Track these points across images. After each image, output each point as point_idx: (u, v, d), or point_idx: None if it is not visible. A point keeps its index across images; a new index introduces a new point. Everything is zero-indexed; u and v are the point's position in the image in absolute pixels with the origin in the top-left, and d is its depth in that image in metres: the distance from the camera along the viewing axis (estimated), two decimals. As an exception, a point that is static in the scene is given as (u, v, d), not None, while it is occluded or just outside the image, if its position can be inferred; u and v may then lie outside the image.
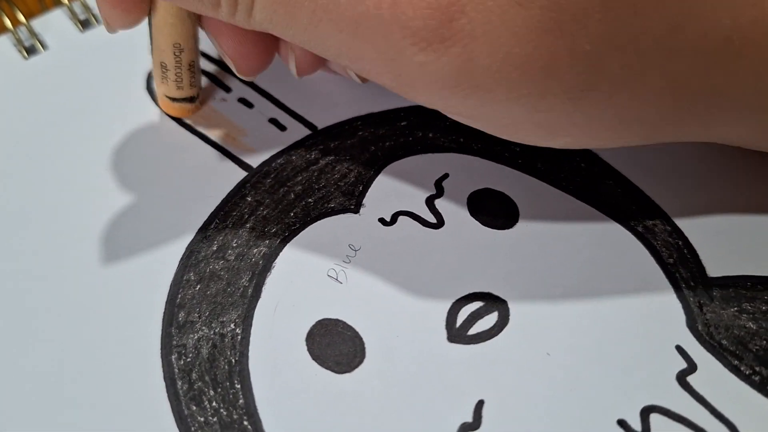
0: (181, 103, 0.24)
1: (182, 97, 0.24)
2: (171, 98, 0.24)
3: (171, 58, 0.23)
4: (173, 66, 0.23)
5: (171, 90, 0.24)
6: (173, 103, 0.24)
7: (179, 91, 0.24)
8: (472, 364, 0.20)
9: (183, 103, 0.24)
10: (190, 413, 0.19)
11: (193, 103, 0.25)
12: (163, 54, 0.23)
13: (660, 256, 0.21)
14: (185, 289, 0.21)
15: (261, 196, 0.23)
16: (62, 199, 0.23)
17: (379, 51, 0.18)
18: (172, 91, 0.24)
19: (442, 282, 0.21)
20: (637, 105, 0.18)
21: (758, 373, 0.19)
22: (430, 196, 0.23)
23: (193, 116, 0.25)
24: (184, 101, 0.24)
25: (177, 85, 0.23)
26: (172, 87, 0.24)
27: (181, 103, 0.24)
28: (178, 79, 0.23)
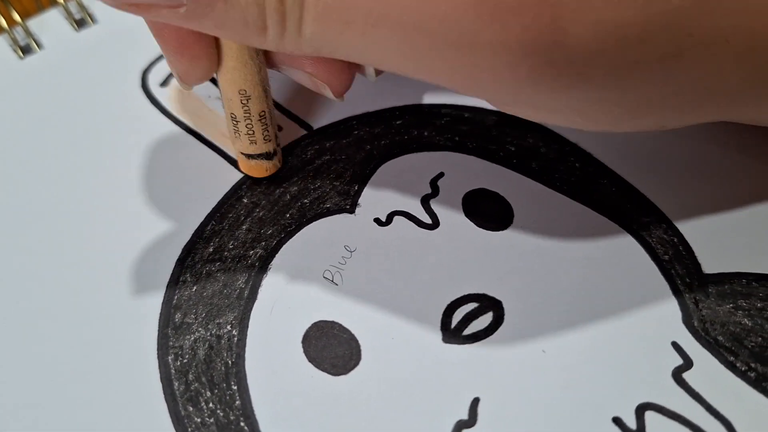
0: (258, 161, 0.22)
1: (257, 153, 0.22)
2: (246, 155, 0.22)
3: (239, 109, 0.21)
4: (243, 117, 0.21)
5: (244, 145, 0.22)
6: (249, 161, 0.22)
7: (252, 146, 0.22)
8: (467, 364, 0.20)
9: (259, 161, 0.22)
10: (186, 414, 0.19)
11: (271, 161, 0.23)
12: (231, 104, 0.21)
13: (655, 253, 0.21)
14: (181, 290, 0.21)
15: (257, 197, 0.23)
16: (58, 199, 0.23)
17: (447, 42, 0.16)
18: (246, 146, 0.22)
19: (437, 283, 0.21)
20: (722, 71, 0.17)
21: (754, 370, 0.19)
22: (426, 195, 0.23)
23: (190, 116, 0.25)
24: (260, 158, 0.22)
25: (249, 138, 0.22)
26: (245, 142, 0.22)
27: (257, 160, 0.22)
28: (249, 132, 0.21)
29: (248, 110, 0.21)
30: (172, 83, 0.26)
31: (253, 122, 0.21)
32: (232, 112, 0.21)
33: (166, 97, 0.25)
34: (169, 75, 0.26)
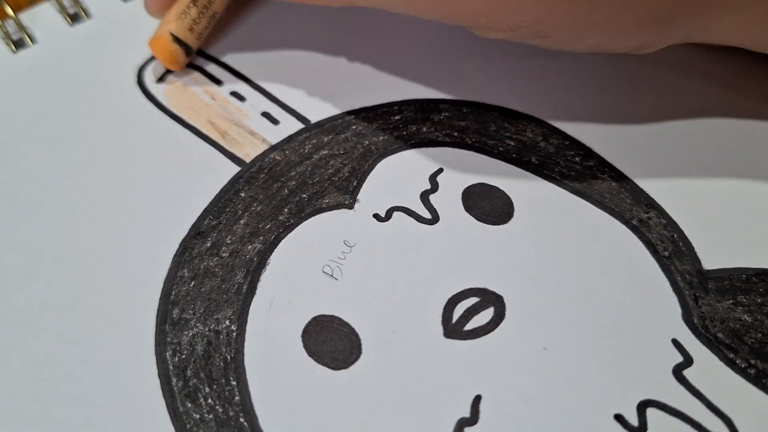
0: (179, 48, 0.24)
1: (185, 42, 0.24)
2: (175, 37, 0.24)
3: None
4: (201, 6, 0.23)
5: (181, 28, 0.24)
6: (172, 45, 0.24)
7: (188, 33, 0.24)
8: (468, 359, 0.19)
9: (181, 49, 0.24)
10: (185, 410, 0.19)
11: (188, 57, 0.25)
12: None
13: (655, 249, 0.21)
14: (179, 285, 0.21)
15: (255, 191, 0.23)
16: (52, 195, 0.23)
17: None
18: (182, 30, 0.24)
19: (437, 278, 0.21)
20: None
21: (753, 366, 0.19)
22: (425, 191, 0.22)
23: (186, 110, 0.25)
24: (183, 47, 0.24)
25: (192, 24, 0.24)
26: (185, 25, 0.24)
27: (180, 47, 0.24)
28: (196, 20, 0.24)
29: (207, 6, 0.24)
30: (169, 78, 0.25)
31: (205, 16, 0.24)
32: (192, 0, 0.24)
33: (162, 93, 0.25)
34: (165, 71, 0.26)
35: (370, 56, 0.26)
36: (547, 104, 0.24)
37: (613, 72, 0.26)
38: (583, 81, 0.25)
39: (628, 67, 0.26)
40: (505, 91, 0.25)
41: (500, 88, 0.25)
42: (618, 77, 0.25)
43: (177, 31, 0.24)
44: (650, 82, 0.25)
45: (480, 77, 0.25)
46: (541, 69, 0.26)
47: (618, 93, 0.25)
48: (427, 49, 0.26)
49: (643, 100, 0.25)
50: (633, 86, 0.25)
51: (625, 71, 0.26)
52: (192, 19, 0.24)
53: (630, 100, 0.25)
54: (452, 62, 0.26)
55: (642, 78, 0.25)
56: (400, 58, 0.26)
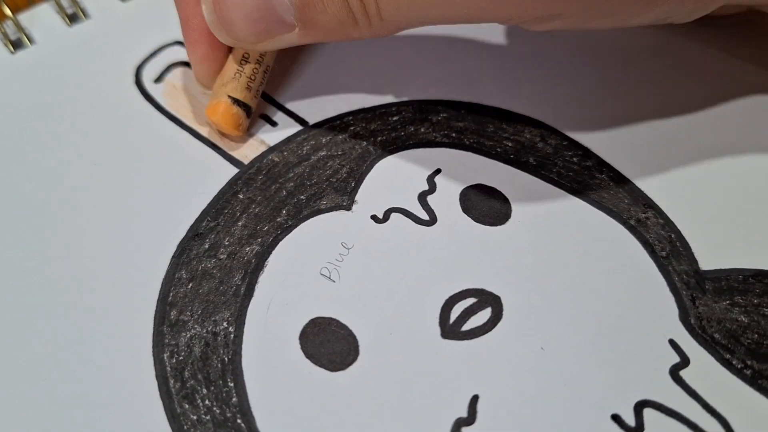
0: (240, 110, 0.23)
1: (245, 102, 0.23)
2: (233, 99, 0.22)
3: (254, 53, 0.22)
4: (254, 60, 0.22)
5: (238, 89, 0.22)
6: (232, 107, 0.22)
7: (246, 92, 0.22)
8: (466, 359, 0.19)
9: (241, 111, 0.23)
10: (182, 411, 0.19)
11: (248, 118, 0.23)
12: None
13: (653, 249, 0.21)
14: (177, 287, 0.21)
15: (253, 193, 0.23)
16: (50, 196, 0.23)
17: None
18: (240, 90, 0.22)
19: (435, 279, 0.21)
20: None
21: (750, 367, 0.19)
22: (423, 192, 0.22)
23: (184, 111, 0.25)
24: (243, 108, 0.23)
25: (248, 83, 0.22)
26: (242, 84, 0.22)
27: (240, 109, 0.23)
28: (251, 77, 0.22)
29: (261, 58, 0.23)
30: (167, 79, 0.25)
31: (260, 69, 0.23)
32: (246, 53, 0.22)
33: (160, 93, 0.25)
34: (163, 71, 0.26)
35: (369, 57, 0.26)
36: (545, 105, 0.25)
37: (611, 72, 0.26)
38: (582, 82, 0.25)
39: (627, 67, 0.26)
40: (503, 92, 0.25)
41: (498, 89, 0.25)
42: (616, 78, 0.25)
43: (234, 92, 0.22)
44: (649, 82, 0.25)
45: (478, 78, 0.25)
46: (540, 70, 0.26)
47: (616, 93, 0.25)
48: (426, 50, 0.26)
49: (641, 100, 0.25)
50: (631, 87, 0.25)
51: (624, 71, 0.26)
52: (247, 76, 0.22)
53: (629, 100, 0.25)
54: (450, 63, 0.26)
55: (641, 78, 0.25)
56: (399, 59, 0.26)
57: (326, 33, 0.21)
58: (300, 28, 0.21)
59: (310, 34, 0.21)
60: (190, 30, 0.23)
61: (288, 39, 0.21)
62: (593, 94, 0.25)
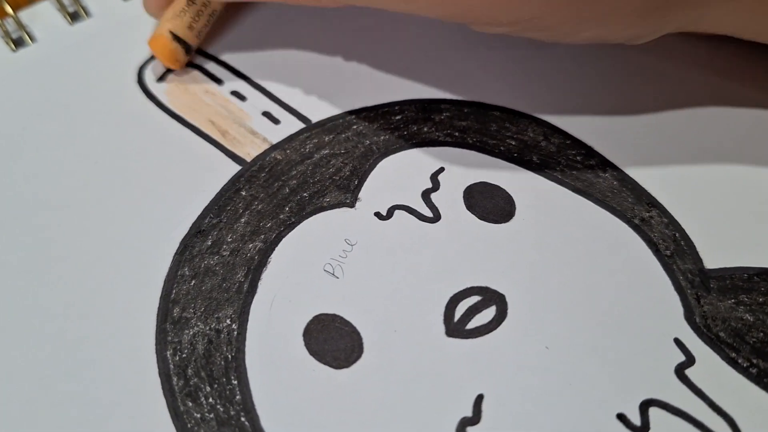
0: (179, 46, 0.24)
1: (185, 40, 0.24)
2: (174, 35, 0.24)
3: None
4: (201, 3, 0.24)
5: (180, 26, 0.24)
6: (172, 43, 0.24)
7: (188, 31, 0.24)
8: (470, 358, 0.19)
9: (180, 47, 0.24)
10: (186, 409, 0.19)
11: (188, 55, 0.25)
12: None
13: (657, 248, 0.21)
14: (180, 284, 0.21)
15: (255, 190, 0.23)
16: (52, 195, 0.23)
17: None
18: (181, 27, 0.24)
19: (439, 276, 0.21)
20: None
21: (755, 366, 0.19)
22: (426, 189, 0.22)
23: (187, 109, 0.25)
24: (183, 45, 0.24)
25: (191, 22, 0.24)
26: (184, 22, 0.24)
27: (179, 45, 0.24)
28: (195, 18, 0.24)
29: (206, 4, 0.24)
30: (169, 77, 0.25)
31: (204, 14, 0.24)
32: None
33: (162, 92, 0.25)
34: (166, 70, 0.26)
35: (371, 56, 0.26)
36: (548, 104, 0.24)
37: (614, 71, 0.26)
38: (584, 80, 0.25)
39: (630, 66, 0.26)
40: (506, 91, 0.25)
41: (501, 88, 0.25)
42: (619, 76, 0.25)
43: (176, 28, 0.24)
44: (651, 80, 0.25)
45: (481, 77, 0.25)
46: (543, 69, 0.26)
47: (619, 92, 0.25)
48: (428, 49, 0.26)
49: (644, 98, 0.25)
50: (634, 85, 0.25)
51: (627, 70, 0.26)
52: (191, 16, 0.24)
53: (632, 98, 0.25)
54: (453, 62, 0.26)
55: (643, 76, 0.25)
56: (401, 58, 0.26)
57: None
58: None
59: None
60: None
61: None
62: (596, 93, 0.25)
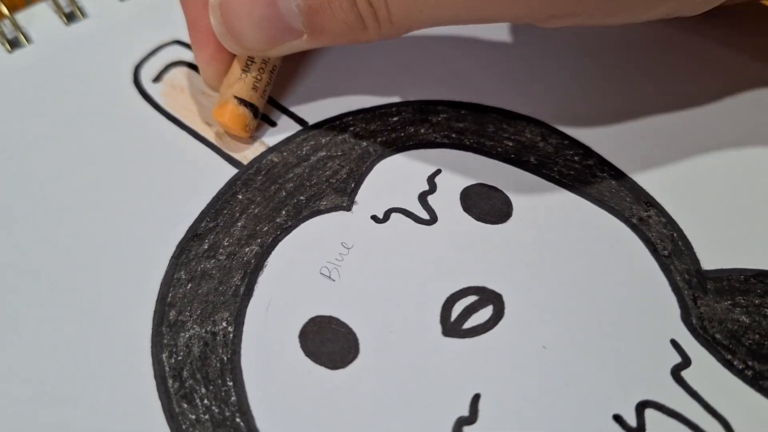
0: (246, 110, 0.23)
1: (251, 103, 0.23)
2: (239, 99, 0.22)
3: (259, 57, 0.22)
4: (259, 61, 0.22)
5: (245, 89, 0.22)
6: (239, 108, 0.22)
7: (252, 92, 0.23)
8: (467, 358, 0.19)
9: (248, 111, 0.23)
10: (181, 411, 0.19)
11: (255, 119, 0.23)
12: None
13: (655, 248, 0.21)
14: (176, 288, 0.21)
15: (252, 193, 0.22)
16: (48, 196, 0.22)
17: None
18: (246, 90, 0.22)
19: (436, 277, 0.21)
20: None
21: (751, 368, 0.19)
22: (423, 192, 0.22)
23: (183, 111, 0.24)
24: (250, 109, 0.23)
25: (254, 83, 0.23)
26: (248, 85, 0.22)
27: (247, 109, 0.23)
28: (257, 78, 0.22)
29: (267, 59, 0.23)
30: (165, 79, 0.25)
31: (266, 69, 0.23)
32: (250, 57, 0.22)
33: (158, 93, 0.25)
34: (162, 71, 0.26)
35: (368, 58, 0.26)
36: (545, 105, 0.24)
37: (612, 71, 0.26)
38: (582, 81, 0.25)
39: (628, 65, 0.26)
40: (503, 92, 0.25)
41: (499, 89, 0.25)
42: (617, 76, 0.25)
43: (240, 93, 0.22)
44: (650, 80, 0.25)
45: (478, 78, 0.25)
46: (540, 69, 0.26)
47: (617, 92, 0.25)
48: (425, 51, 0.26)
49: (643, 98, 0.25)
50: (632, 85, 0.25)
51: (625, 69, 0.26)
52: (253, 77, 0.23)
53: (630, 98, 0.25)
54: (450, 63, 0.26)
55: (642, 76, 0.25)
56: (398, 60, 0.26)
57: (334, 38, 0.21)
58: (308, 35, 0.21)
59: (318, 39, 0.21)
60: (197, 32, 0.23)
61: (296, 45, 0.21)
62: (594, 93, 0.25)
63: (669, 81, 0.25)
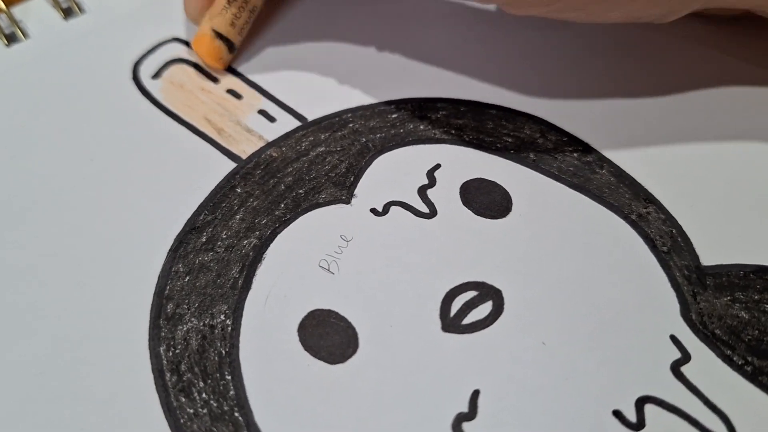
0: (222, 44, 0.24)
1: (228, 37, 0.24)
2: (217, 33, 0.24)
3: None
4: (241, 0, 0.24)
5: (223, 23, 0.24)
6: (215, 41, 0.24)
7: (230, 28, 0.24)
8: (467, 353, 0.19)
9: (223, 45, 0.24)
10: (179, 405, 0.18)
11: (231, 53, 0.25)
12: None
13: (654, 244, 0.21)
14: (174, 281, 0.20)
15: (251, 187, 0.22)
16: (47, 191, 0.22)
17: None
18: (224, 25, 0.24)
19: (435, 271, 0.21)
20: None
21: (750, 363, 0.19)
22: (423, 186, 0.22)
23: (182, 107, 0.24)
24: (226, 43, 0.24)
25: (233, 20, 0.24)
26: (226, 20, 0.24)
27: (222, 43, 0.24)
28: (237, 15, 0.24)
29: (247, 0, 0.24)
30: (164, 75, 0.25)
31: (245, 10, 0.24)
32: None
33: (157, 89, 0.25)
34: (161, 67, 0.25)
35: (368, 54, 0.26)
36: (545, 102, 0.25)
37: (611, 68, 0.26)
38: (581, 78, 0.25)
39: (626, 63, 0.26)
40: (502, 90, 0.25)
41: (498, 87, 0.25)
42: (616, 74, 0.25)
43: (218, 26, 0.24)
44: (649, 77, 0.25)
45: (477, 76, 0.25)
46: (539, 67, 0.26)
47: (616, 89, 0.25)
48: (424, 49, 0.26)
49: (642, 95, 0.25)
50: (631, 82, 0.25)
51: (623, 67, 0.26)
52: (232, 13, 0.24)
53: (629, 96, 0.25)
54: (450, 61, 0.26)
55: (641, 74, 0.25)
56: (398, 57, 0.26)
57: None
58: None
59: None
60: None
61: None
62: (593, 91, 0.25)
63: (668, 79, 0.25)
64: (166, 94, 0.25)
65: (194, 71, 0.25)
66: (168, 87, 0.25)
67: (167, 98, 0.25)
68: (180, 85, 0.25)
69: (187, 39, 0.26)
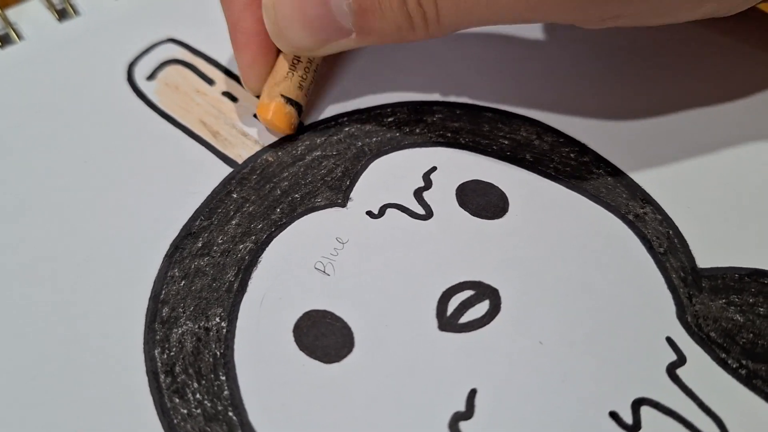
0: (292, 109, 0.23)
1: (297, 101, 0.23)
2: (287, 98, 0.23)
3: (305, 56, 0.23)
4: (305, 60, 0.23)
5: (292, 88, 0.23)
6: (286, 106, 0.23)
7: (298, 91, 0.23)
8: (463, 352, 0.19)
9: (293, 110, 0.23)
10: (172, 406, 0.18)
11: (299, 117, 0.23)
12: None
13: (651, 245, 0.21)
14: (169, 285, 0.20)
15: (247, 192, 0.22)
16: (41, 194, 0.22)
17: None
18: (293, 89, 0.23)
19: (431, 271, 0.21)
20: None
21: (745, 367, 0.19)
22: (419, 188, 0.22)
23: (178, 109, 0.24)
24: (295, 108, 0.23)
25: (300, 82, 0.23)
26: (294, 83, 0.23)
27: (293, 108, 0.23)
28: (303, 77, 0.23)
29: (311, 60, 0.23)
30: (159, 77, 0.25)
31: (311, 69, 0.23)
32: (296, 56, 0.23)
33: (152, 91, 0.25)
34: (155, 69, 0.25)
35: (363, 58, 0.26)
36: (541, 104, 0.25)
37: (607, 69, 0.26)
38: (577, 79, 0.25)
39: (623, 64, 0.26)
40: (498, 92, 0.25)
41: (493, 89, 0.25)
42: (613, 74, 0.26)
43: (287, 92, 0.23)
44: (646, 78, 0.25)
45: (473, 79, 0.25)
46: (535, 69, 0.26)
47: (613, 90, 0.25)
48: (420, 51, 0.26)
49: (639, 96, 0.25)
50: (628, 83, 0.25)
51: (620, 68, 0.26)
52: (299, 76, 0.23)
53: (626, 96, 0.25)
54: (445, 64, 0.26)
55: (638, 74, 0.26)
56: (393, 61, 0.26)
57: (382, 38, 0.21)
58: (357, 34, 0.21)
59: (366, 39, 0.21)
60: (238, 34, 0.23)
61: (344, 44, 0.22)
62: (589, 91, 0.25)
63: (664, 79, 0.25)
64: (161, 96, 0.25)
65: (189, 72, 0.25)
66: (163, 89, 0.25)
67: (162, 100, 0.25)
68: (175, 87, 0.25)
69: (183, 40, 0.26)
